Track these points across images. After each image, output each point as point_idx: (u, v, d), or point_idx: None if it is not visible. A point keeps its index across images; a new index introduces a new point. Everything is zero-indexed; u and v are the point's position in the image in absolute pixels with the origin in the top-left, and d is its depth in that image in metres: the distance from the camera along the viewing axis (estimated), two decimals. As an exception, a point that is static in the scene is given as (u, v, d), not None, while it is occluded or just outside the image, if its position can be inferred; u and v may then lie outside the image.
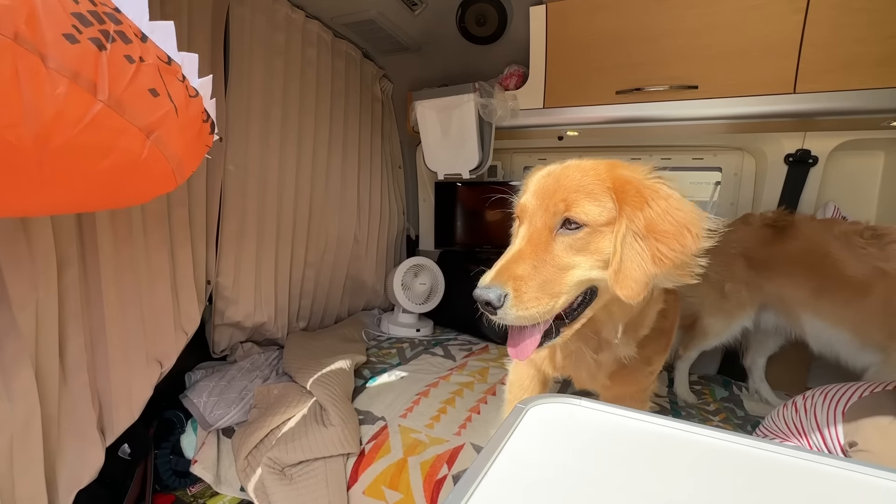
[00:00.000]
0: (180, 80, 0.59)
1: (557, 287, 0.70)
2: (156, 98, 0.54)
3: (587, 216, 0.70)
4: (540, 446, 0.49)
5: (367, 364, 1.72)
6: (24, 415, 0.93)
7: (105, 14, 0.48)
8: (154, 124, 0.55)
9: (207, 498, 1.42)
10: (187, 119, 0.61)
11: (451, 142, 1.90)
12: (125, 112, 0.51)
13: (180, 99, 0.58)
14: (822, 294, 1.33)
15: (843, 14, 1.27)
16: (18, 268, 0.92)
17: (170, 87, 0.56)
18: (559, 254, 0.71)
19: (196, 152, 0.67)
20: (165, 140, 0.57)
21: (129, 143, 0.53)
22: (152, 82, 0.53)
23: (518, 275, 0.69)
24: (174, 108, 0.57)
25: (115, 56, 0.48)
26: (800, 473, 0.45)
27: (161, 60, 0.55)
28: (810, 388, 1.12)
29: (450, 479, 1.12)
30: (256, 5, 1.50)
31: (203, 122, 0.66)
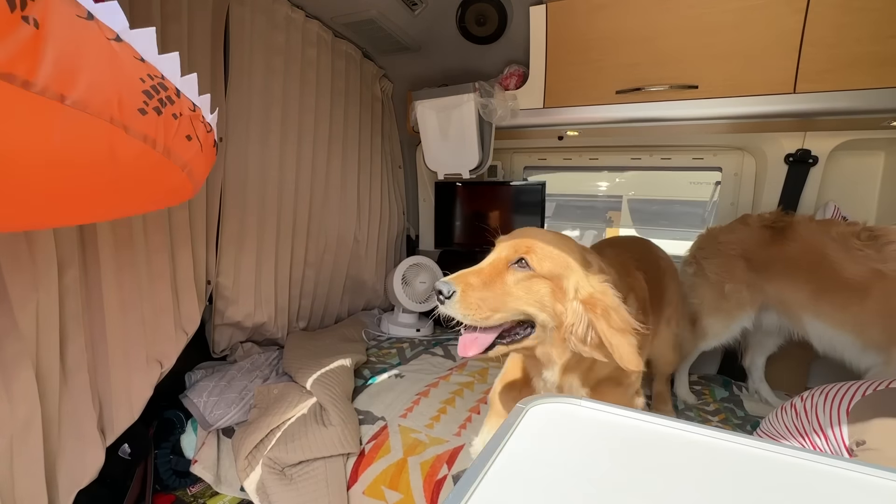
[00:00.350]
0: (202, 122, 0.73)
1: (495, 304, 0.85)
2: (189, 141, 0.69)
3: (538, 265, 0.87)
4: (540, 446, 0.49)
5: (367, 364, 1.72)
6: (25, 415, 0.93)
7: (160, 85, 0.62)
8: (188, 161, 0.71)
9: (207, 498, 1.42)
10: (207, 150, 0.76)
11: (451, 142, 1.90)
12: (171, 156, 0.66)
13: (203, 136, 0.73)
14: (821, 296, 1.33)
15: (843, 14, 1.27)
16: (19, 268, 0.92)
17: (197, 131, 0.71)
18: (507, 282, 0.87)
19: (209, 170, 0.84)
20: (193, 170, 0.74)
21: (170, 176, 0.71)
22: (188, 130, 0.69)
23: (470, 282, 0.85)
24: (200, 146, 0.73)
25: (166, 117, 0.63)
26: (800, 473, 0.45)
27: (190, 110, 0.69)
28: (810, 388, 1.12)
29: (450, 479, 1.12)
30: (256, 5, 1.50)
31: (213, 147, 0.81)
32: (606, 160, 2.24)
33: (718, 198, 2.02)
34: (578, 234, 3.44)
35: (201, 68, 1.34)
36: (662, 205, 3.33)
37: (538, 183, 2.18)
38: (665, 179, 3.07)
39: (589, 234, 3.52)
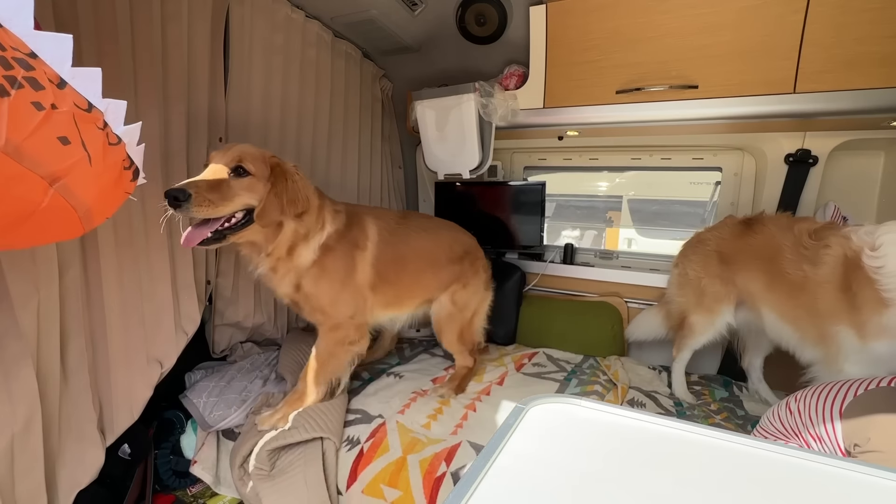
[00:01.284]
0: (100, 128, 0.57)
1: (224, 201, 1.09)
2: (66, 146, 0.53)
3: (253, 170, 1.15)
4: (540, 446, 0.49)
5: (367, 364, 1.72)
6: (25, 415, 0.93)
7: (15, 60, 0.47)
8: (61, 172, 0.54)
9: (207, 498, 1.42)
10: (103, 167, 0.60)
11: (451, 142, 1.90)
12: (25, 159, 0.50)
13: (97, 147, 0.57)
14: (772, 287, 1.36)
15: (843, 14, 1.27)
16: (20, 268, 0.92)
17: (85, 136, 0.55)
18: (231, 185, 1.12)
19: (112, 199, 0.67)
20: (73, 188, 0.56)
21: (27, 190, 0.52)
22: (64, 130, 0.52)
23: (200, 187, 1.05)
24: (87, 157, 0.56)
25: (19, 103, 0.47)
26: (800, 473, 0.45)
27: (79, 108, 0.54)
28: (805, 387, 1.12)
29: (448, 476, 1.12)
30: (256, 5, 1.50)
31: (124, 170, 0.65)
32: (606, 160, 2.24)
33: (718, 198, 2.02)
34: (578, 234, 3.44)
35: (201, 68, 1.34)
36: (662, 205, 3.33)
37: (538, 183, 2.18)
38: (665, 179, 3.07)
39: (589, 234, 3.52)
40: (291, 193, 1.19)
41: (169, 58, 1.25)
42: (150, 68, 1.18)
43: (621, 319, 1.98)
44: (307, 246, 1.29)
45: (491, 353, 1.92)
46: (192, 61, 1.32)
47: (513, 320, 2.07)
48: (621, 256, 2.21)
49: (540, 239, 2.19)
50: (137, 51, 1.15)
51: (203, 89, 1.35)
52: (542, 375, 1.68)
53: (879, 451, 0.88)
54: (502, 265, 2.18)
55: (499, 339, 2.05)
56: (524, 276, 2.16)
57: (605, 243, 3.44)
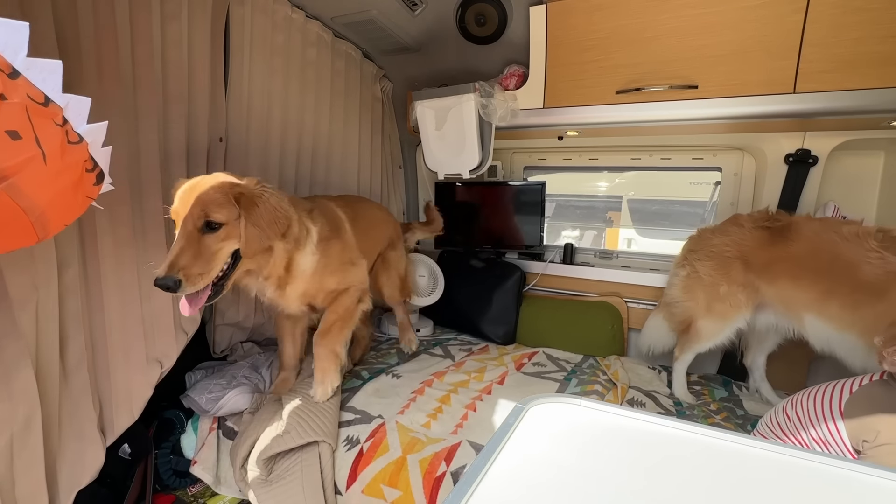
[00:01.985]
0: (58, 124, 0.52)
1: (211, 265, 1.07)
2: (16, 141, 0.48)
3: (224, 218, 1.07)
4: (540, 446, 0.49)
5: (367, 364, 1.72)
6: (25, 415, 0.93)
7: None
8: (9, 170, 0.49)
9: (207, 498, 1.42)
10: (61, 167, 0.54)
11: (451, 142, 1.90)
12: None
13: (53, 145, 0.52)
14: (830, 297, 1.30)
15: (843, 14, 1.27)
16: (19, 268, 0.92)
17: (39, 131, 0.50)
18: (209, 244, 1.07)
19: (72, 204, 0.60)
20: (24, 189, 0.51)
21: None
22: (14, 124, 0.48)
23: (184, 265, 1.01)
24: (41, 154, 0.51)
25: None
26: (800, 473, 0.45)
27: (34, 101, 0.49)
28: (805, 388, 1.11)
29: (448, 475, 1.12)
30: (256, 5, 1.50)
31: (87, 172, 0.60)
32: (606, 160, 2.24)
33: (718, 198, 2.02)
34: (578, 234, 3.44)
35: (201, 68, 1.34)
36: (662, 205, 3.33)
37: (538, 183, 2.18)
38: (665, 179, 3.07)
39: (589, 234, 3.52)
40: (268, 216, 1.13)
41: (168, 57, 1.24)
42: (149, 68, 1.18)
43: (621, 319, 1.98)
44: (303, 253, 1.30)
45: (491, 352, 1.92)
46: (192, 61, 1.31)
47: (513, 320, 2.07)
48: (621, 256, 2.21)
49: (540, 239, 2.19)
50: (137, 51, 1.15)
51: (203, 89, 1.35)
52: (542, 375, 1.68)
53: (891, 444, 0.87)
54: (502, 265, 2.18)
55: (499, 338, 2.05)
56: (524, 276, 2.16)
57: (605, 243, 3.45)
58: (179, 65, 1.27)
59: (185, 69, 1.28)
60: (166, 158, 1.27)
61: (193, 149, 1.36)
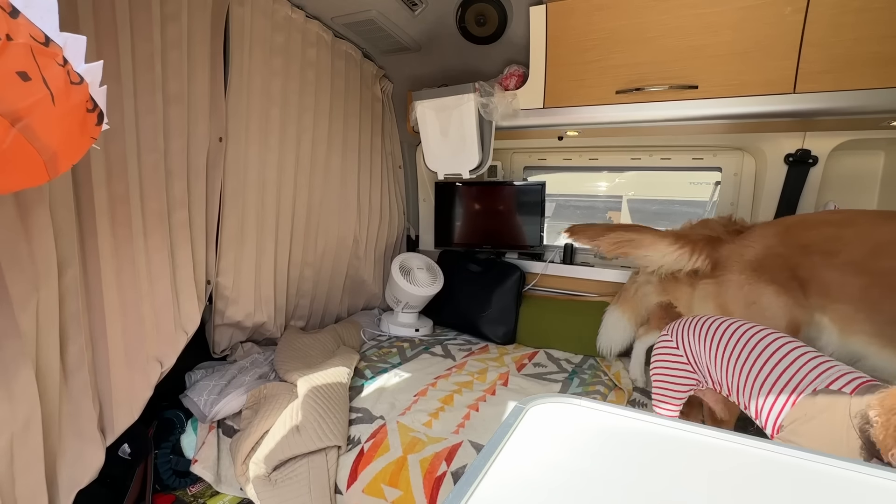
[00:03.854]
0: (60, 65, 0.52)
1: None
2: (26, 83, 0.48)
3: None
4: (540, 446, 0.49)
5: (368, 364, 1.72)
6: (25, 415, 0.93)
7: None
8: (22, 111, 0.49)
9: (207, 498, 1.42)
10: (67, 108, 0.54)
11: (451, 142, 1.90)
12: None
13: (59, 85, 0.52)
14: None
15: (842, 14, 1.27)
16: (19, 268, 0.92)
17: (45, 71, 0.50)
18: None
19: (78, 144, 0.61)
20: (36, 129, 0.51)
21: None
22: (22, 64, 0.47)
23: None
24: (50, 95, 0.51)
25: None
26: (800, 473, 0.45)
27: (36, 40, 0.49)
28: None
29: (449, 475, 1.12)
30: (256, 5, 1.50)
31: (88, 112, 0.60)
32: (606, 160, 2.24)
33: (718, 198, 2.02)
34: (578, 234, 3.44)
35: (201, 68, 1.34)
36: (662, 205, 3.33)
37: (538, 183, 2.18)
38: (665, 179, 3.06)
39: (589, 234, 3.51)
40: None
41: (168, 57, 1.24)
42: (149, 68, 1.18)
43: (621, 319, 1.98)
44: None
45: (491, 352, 1.92)
46: (192, 61, 1.31)
47: (512, 320, 2.08)
48: (621, 256, 2.21)
49: (540, 239, 2.19)
50: (137, 51, 1.15)
51: (203, 89, 1.35)
52: (543, 376, 1.68)
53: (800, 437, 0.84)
54: (502, 265, 2.18)
55: (498, 338, 2.05)
56: (524, 276, 2.16)
57: (605, 243, 3.44)
58: (179, 65, 1.27)
59: (185, 69, 1.28)
60: (166, 158, 1.27)
61: (193, 149, 1.36)
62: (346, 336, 1.94)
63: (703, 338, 1.09)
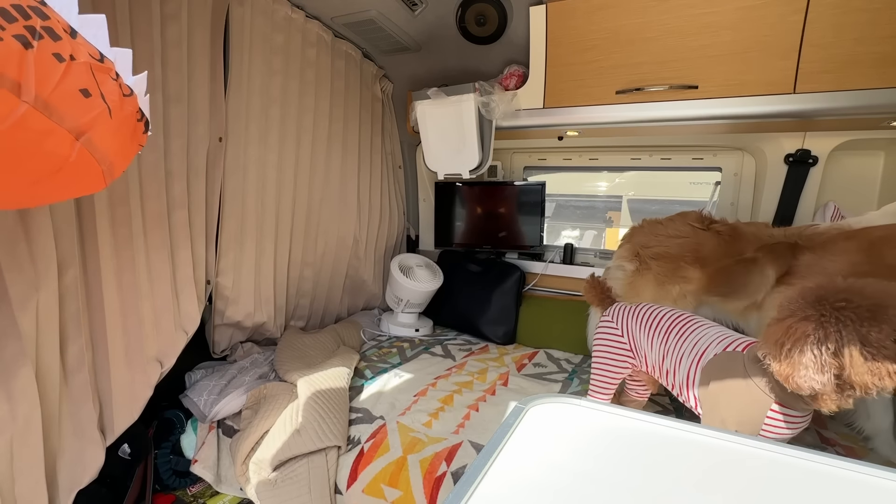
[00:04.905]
0: (114, 79, 0.56)
1: None
2: (87, 99, 0.52)
3: None
4: (540, 446, 0.49)
5: (368, 364, 1.72)
6: (25, 415, 0.93)
7: (31, 8, 0.44)
8: (85, 126, 0.53)
9: (207, 498, 1.42)
10: (121, 119, 0.58)
11: (451, 142, 1.90)
12: (53, 114, 0.49)
13: (114, 98, 0.56)
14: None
15: (842, 14, 1.27)
16: (19, 268, 0.92)
17: (102, 87, 0.53)
18: None
19: (129, 152, 0.65)
20: (96, 142, 0.55)
21: (56, 145, 0.51)
22: (84, 82, 0.51)
23: None
24: (107, 109, 0.54)
25: (42, 54, 0.45)
26: (799, 473, 0.45)
27: (93, 58, 0.52)
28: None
29: (449, 476, 1.12)
30: (256, 5, 1.50)
31: (137, 122, 0.64)
32: (606, 160, 2.24)
33: (718, 198, 2.02)
34: (578, 234, 3.44)
35: (201, 68, 1.34)
36: (662, 205, 3.33)
37: (538, 183, 2.18)
38: (665, 179, 3.06)
39: (589, 234, 3.52)
40: None
41: (168, 57, 1.24)
42: (149, 68, 1.18)
43: (621, 319, 1.98)
44: None
45: (491, 352, 1.92)
46: (192, 61, 1.31)
47: (512, 320, 2.08)
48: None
49: (540, 239, 2.19)
50: (137, 50, 1.15)
51: (203, 89, 1.35)
52: (543, 376, 1.68)
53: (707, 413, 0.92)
54: (502, 265, 2.19)
55: (498, 338, 2.05)
56: (524, 276, 2.16)
57: (605, 243, 3.44)
58: (179, 65, 1.27)
59: (184, 69, 1.28)
60: (166, 158, 1.27)
61: (193, 149, 1.36)
62: (346, 336, 1.94)
63: (642, 323, 1.15)
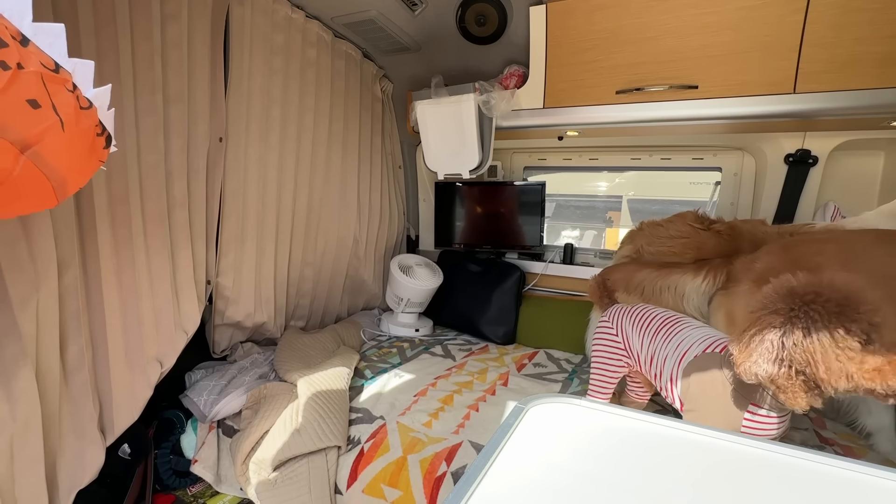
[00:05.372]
0: (69, 90, 0.53)
1: None
2: (36, 110, 0.49)
3: None
4: (540, 446, 0.49)
5: (368, 364, 1.72)
6: (25, 415, 0.93)
7: None
8: (32, 139, 0.50)
9: (207, 498, 1.42)
10: (76, 133, 0.56)
11: (451, 142, 1.90)
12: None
13: (68, 111, 0.53)
14: None
15: (843, 14, 1.27)
16: (19, 268, 0.92)
17: (55, 98, 0.51)
18: None
19: (86, 167, 0.62)
20: (45, 156, 0.53)
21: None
22: (33, 92, 0.48)
23: None
24: (59, 122, 0.52)
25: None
26: (799, 473, 0.45)
27: (46, 68, 0.50)
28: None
29: (449, 476, 1.12)
30: (256, 5, 1.50)
31: (97, 136, 0.61)
32: (606, 160, 2.24)
33: (718, 198, 2.02)
34: (578, 234, 3.44)
35: (201, 68, 1.34)
36: (662, 205, 3.33)
37: (538, 183, 2.18)
38: (665, 179, 3.07)
39: (589, 234, 3.52)
40: None
41: (169, 57, 1.24)
42: (149, 68, 1.18)
43: (621, 319, 1.98)
44: None
45: (491, 352, 1.92)
46: (192, 61, 1.31)
47: (512, 320, 2.08)
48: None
49: (540, 239, 2.19)
50: (137, 50, 1.15)
51: (203, 89, 1.35)
52: (543, 376, 1.68)
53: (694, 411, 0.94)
54: (502, 265, 2.19)
55: (498, 338, 2.05)
56: (524, 276, 2.16)
57: (605, 243, 3.45)
58: (179, 65, 1.27)
59: (185, 69, 1.28)
60: (166, 158, 1.27)
61: (193, 149, 1.36)
62: (346, 336, 1.94)
63: (635, 323, 1.18)
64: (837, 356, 0.64)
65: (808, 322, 0.67)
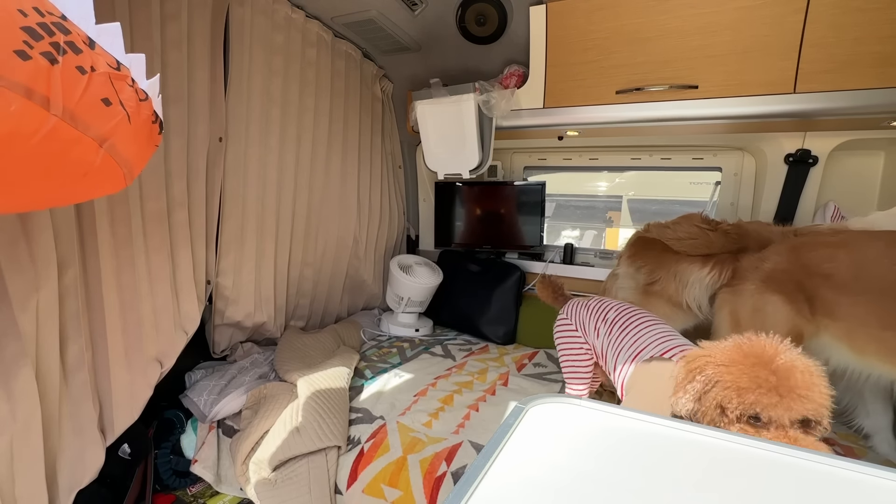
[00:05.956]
0: (130, 85, 0.58)
1: None
2: (109, 107, 0.54)
3: None
4: (540, 446, 0.49)
5: (368, 364, 1.72)
6: (25, 415, 0.93)
7: (54, 24, 0.47)
8: (108, 133, 0.55)
9: (207, 498, 1.42)
10: (139, 123, 0.61)
11: (452, 142, 1.90)
12: (79, 124, 0.51)
13: (132, 104, 0.59)
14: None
15: (842, 14, 1.27)
16: (19, 268, 0.92)
17: (121, 94, 0.56)
18: None
19: (146, 152, 0.69)
20: (118, 147, 0.58)
21: (83, 153, 0.54)
22: (105, 91, 0.53)
23: None
24: (127, 116, 0.57)
25: (67, 69, 0.48)
26: (799, 473, 0.45)
27: (111, 67, 0.54)
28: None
29: (449, 476, 1.12)
30: (256, 5, 1.50)
31: (153, 124, 0.67)
32: (606, 160, 2.24)
33: (718, 198, 2.02)
34: (578, 234, 3.44)
35: (201, 68, 1.34)
36: (662, 205, 3.33)
37: (538, 183, 2.18)
38: (665, 179, 3.07)
39: (589, 234, 3.52)
40: None
41: (168, 57, 1.24)
42: (149, 68, 1.18)
43: (621, 319, 1.98)
44: None
45: (491, 352, 1.92)
46: (192, 61, 1.31)
47: (512, 320, 2.08)
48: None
49: (540, 239, 2.19)
50: (137, 50, 1.15)
51: (203, 89, 1.35)
52: (543, 376, 1.68)
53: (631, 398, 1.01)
54: (502, 265, 2.19)
55: (498, 338, 2.05)
56: (524, 276, 2.16)
57: (605, 243, 3.45)
58: (179, 65, 1.27)
59: (184, 69, 1.28)
60: (166, 158, 1.27)
61: (193, 149, 1.36)
62: (346, 336, 1.94)
63: (592, 314, 1.22)
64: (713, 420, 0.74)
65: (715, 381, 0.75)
